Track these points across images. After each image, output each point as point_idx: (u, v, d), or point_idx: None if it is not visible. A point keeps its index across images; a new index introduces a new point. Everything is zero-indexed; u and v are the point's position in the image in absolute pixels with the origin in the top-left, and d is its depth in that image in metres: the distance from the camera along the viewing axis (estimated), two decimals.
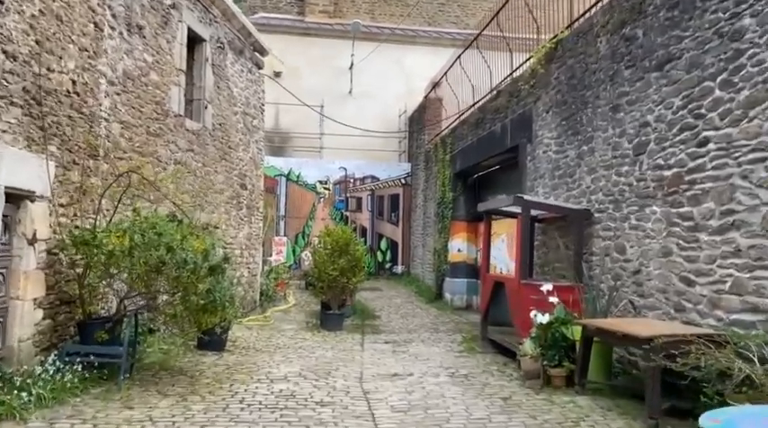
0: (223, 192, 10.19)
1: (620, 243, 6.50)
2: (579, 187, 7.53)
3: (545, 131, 8.65)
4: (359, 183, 19.98)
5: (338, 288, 10.48)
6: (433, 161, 16.59)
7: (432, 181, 16.63)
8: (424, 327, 11.16)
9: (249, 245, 11.47)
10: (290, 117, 20.15)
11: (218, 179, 10.01)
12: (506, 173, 11.88)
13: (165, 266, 5.47)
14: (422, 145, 18.41)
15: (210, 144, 9.68)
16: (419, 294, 16.31)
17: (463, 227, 14.06)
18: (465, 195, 14.06)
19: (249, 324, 10.59)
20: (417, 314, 13.03)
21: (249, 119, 11.39)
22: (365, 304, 14.02)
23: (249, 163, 11.42)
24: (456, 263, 14.04)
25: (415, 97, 19.94)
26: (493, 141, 11.01)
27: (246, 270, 11.40)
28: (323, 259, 10.41)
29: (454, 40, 20.63)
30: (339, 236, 10.55)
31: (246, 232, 11.30)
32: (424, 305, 14.49)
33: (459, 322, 11.94)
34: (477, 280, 13.96)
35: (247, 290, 11.51)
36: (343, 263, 10.38)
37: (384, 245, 20.09)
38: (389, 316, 12.77)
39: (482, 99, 11.84)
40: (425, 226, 17.42)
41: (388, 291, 17.15)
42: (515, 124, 9.84)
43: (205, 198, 9.47)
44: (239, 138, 10.88)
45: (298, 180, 19.54)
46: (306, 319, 11.76)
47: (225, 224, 10.30)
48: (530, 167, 9.18)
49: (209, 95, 9.61)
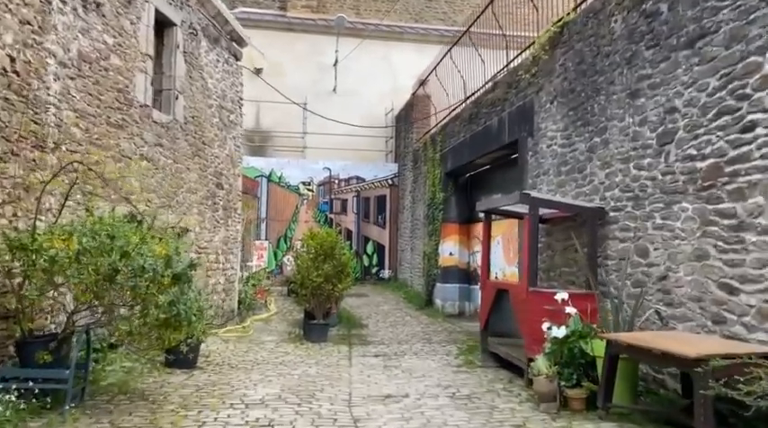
0: (196, 192, 9.32)
1: (642, 245, 5.76)
2: (591, 183, 6.79)
3: (549, 123, 7.91)
4: (344, 184, 19.17)
5: (323, 295, 9.66)
6: (421, 160, 15.83)
7: (420, 181, 15.87)
8: (415, 337, 10.36)
9: (226, 249, 10.60)
10: (271, 115, 19.28)
11: (191, 177, 9.14)
12: (502, 172, 11.15)
13: (118, 274, 4.61)
14: (410, 144, 17.65)
15: (182, 138, 8.81)
16: (408, 300, 15.52)
17: (455, 230, 13.31)
18: (456, 196, 13.31)
19: (226, 336, 9.71)
20: (407, 322, 12.24)
21: (226, 113, 10.53)
22: (351, 311, 13.21)
23: (226, 160, 10.55)
24: (447, 268, 13.28)
25: (401, 95, 19.20)
26: (488, 137, 10.27)
27: (223, 276, 10.52)
28: (306, 264, 9.58)
29: (442, 37, 19.95)
30: (324, 239, 9.73)
31: (223, 235, 10.43)
32: (413, 312, 13.70)
33: (452, 331, 11.16)
34: (469, 285, 13.23)
35: (224, 299, 10.63)
36: (328, 269, 9.56)
37: (370, 249, 19.28)
38: (378, 324, 11.96)
39: (477, 91, 11.11)
40: (414, 228, 16.65)
41: (375, 297, 16.35)
42: (514, 117, 9.11)
43: (175, 198, 8.59)
44: (214, 134, 10.01)
45: (279, 181, 18.67)
46: (288, 329, 10.91)
47: (199, 226, 9.43)
48: (531, 163, 8.44)
49: (181, 85, 8.75)
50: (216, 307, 10.17)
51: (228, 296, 10.80)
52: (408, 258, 17.31)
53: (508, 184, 10.83)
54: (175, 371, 6.84)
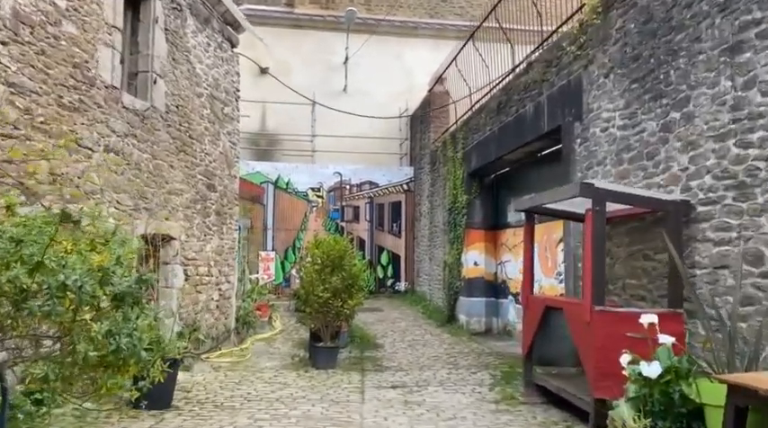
0: (182, 194, 7.96)
1: (754, 249, 4.27)
2: (668, 171, 5.32)
3: (604, 102, 6.45)
4: (356, 190, 17.78)
5: (330, 313, 8.22)
6: (440, 162, 14.40)
7: (439, 184, 14.43)
8: (439, 361, 8.88)
9: (220, 260, 9.22)
10: (277, 117, 18.00)
11: (175, 176, 7.78)
12: (539, 168, 9.68)
13: (27, 294, 3.22)
14: (426, 145, 16.24)
15: (163, 130, 7.47)
16: (427, 315, 14.04)
17: (480, 237, 11.83)
18: (481, 198, 11.85)
19: (218, 361, 8.30)
20: (428, 341, 10.76)
21: (219, 105, 9.20)
22: (364, 329, 11.78)
23: (219, 159, 9.20)
24: (472, 279, 11.79)
25: (416, 94, 17.84)
26: (522, 127, 8.83)
27: (217, 291, 9.13)
28: (311, 277, 8.16)
29: (459, 32, 18.56)
30: (331, 247, 8.31)
31: (216, 244, 9.05)
32: (434, 329, 12.22)
33: (480, 352, 9.66)
34: (497, 299, 11.74)
35: (218, 317, 9.23)
36: (336, 282, 8.14)
37: (385, 259, 17.84)
38: (394, 344, 10.50)
39: (508, 74, 9.66)
40: (432, 236, 15.19)
41: (391, 312, 14.88)
42: (555, 100, 7.66)
43: (154, 199, 7.23)
44: (205, 127, 8.67)
45: (287, 187, 17.32)
46: (292, 351, 9.48)
47: (185, 234, 8.06)
48: (580, 153, 6.98)
49: (161, 68, 7.42)
50: (208, 327, 8.78)
51: (224, 314, 9.41)
52: (427, 269, 15.84)
53: (546, 182, 9.34)
54: (142, 414, 5.42)
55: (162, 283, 7.68)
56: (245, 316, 10.20)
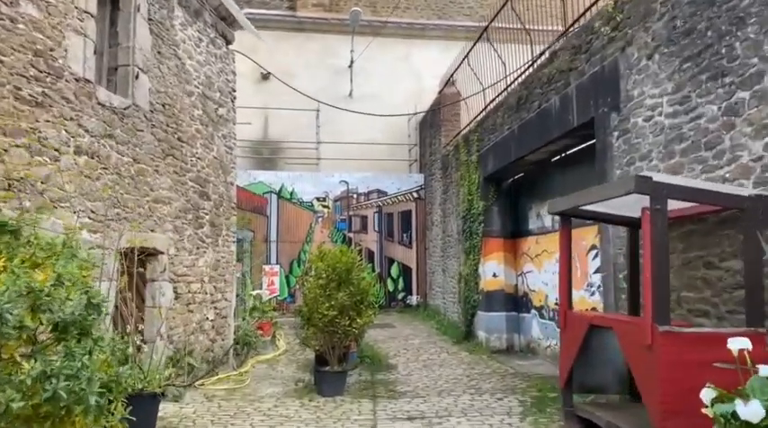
0: (170, 202, 7.16)
1: None
2: (735, 161, 4.45)
3: (647, 87, 5.60)
4: (363, 199, 16.96)
5: (337, 333, 7.36)
6: (452, 167, 13.56)
7: (452, 191, 13.58)
8: (459, 384, 7.99)
9: (216, 276, 8.39)
10: (280, 124, 17.26)
11: (162, 183, 6.98)
12: (563, 170, 8.83)
13: None
14: (437, 150, 15.41)
15: (147, 131, 6.68)
16: (442, 332, 13.13)
17: (498, 246, 10.95)
18: (499, 205, 10.98)
19: (213, 389, 7.45)
20: (445, 361, 9.86)
21: (212, 105, 8.42)
22: (375, 348, 10.88)
23: (213, 164, 8.41)
24: (491, 292, 10.89)
25: (425, 98, 17.07)
26: (546, 123, 7.98)
27: (212, 310, 8.30)
28: (314, 294, 7.31)
29: (468, 32, 17.79)
30: (337, 260, 7.47)
31: (211, 258, 8.23)
32: (450, 347, 11.32)
33: (504, 373, 8.75)
34: (519, 313, 10.84)
35: (214, 339, 8.39)
36: (343, 299, 7.28)
37: (395, 272, 16.96)
38: (408, 365, 9.61)
39: (531, 64, 8.83)
40: (446, 246, 14.31)
41: (403, 328, 13.99)
42: (586, 90, 6.82)
43: (136, 208, 6.43)
44: (196, 129, 7.88)
45: (291, 197, 16.53)
46: (296, 375, 8.62)
47: (175, 247, 7.24)
48: (618, 147, 6.12)
49: (144, 62, 6.65)
50: (203, 350, 7.94)
51: (221, 334, 8.57)
52: (440, 281, 14.95)
53: (573, 185, 8.47)
54: None
55: (148, 303, 6.86)
56: (244, 336, 9.35)
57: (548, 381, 7.95)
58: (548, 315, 9.68)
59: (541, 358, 9.82)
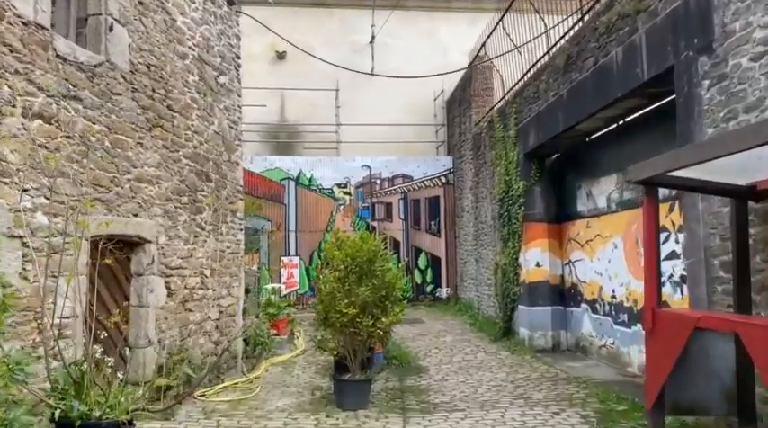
0: (159, 182, 6.04)
1: None
2: None
3: (755, 16, 4.27)
4: (387, 185, 15.75)
5: (359, 335, 6.17)
6: (485, 146, 12.27)
7: (486, 173, 12.30)
8: (503, 392, 6.77)
9: (219, 268, 7.28)
10: (298, 107, 16.13)
11: (148, 159, 5.86)
12: (623, 140, 7.51)
13: None
14: (467, 129, 14.12)
15: (126, 95, 5.55)
16: (477, 328, 11.90)
17: (542, 231, 9.64)
18: (542, 185, 9.66)
19: (214, 401, 6.35)
20: (483, 363, 8.64)
21: (212, 72, 7.28)
22: (402, 347, 9.73)
23: (213, 140, 7.28)
24: (534, 284, 9.61)
25: (453, 75, 15.74)
26: (605, 82, 6.66)
27: (216, 308, 7.19)
28: (330, 289, 6.13)
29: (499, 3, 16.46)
30: (357, 248, 6.28)
31: (212, 248, 7.11)
32: (487, 345, 10.09)
33: (555, 378, 7.50)
34: (565, 307, 9.55)
35: (219, 341, 7.29)
36: (365, 294, 6.09)
37: (423, 263, 15.75)
38: (441, 367, 8.43)
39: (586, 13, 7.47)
40: (479, 234, 13.04)
41: (433, 324, 12.79)
42: (661, 34, 5.49)
43: (115, 188, 5.32)
44: (190, 98, 6.75)
45: (310, 184, 15.40)
46: (314, 381, 7.51)
47: (165, 235, 6.13)
48: (711, 100, 4.79)
49: (121, 12, 5.51)
50: (204, 355, 6.85)
51: (226, 335, 7.47)
52: (472, 272, 13.69)
53: (637, 155, 7.14)
54: None
55: (134, 301, 5.76)
56: (255, 336, 8.24)
57: (609, 389, 6.68)
58: (602, 309, 8.37)
59: (595, 358, 8.54)
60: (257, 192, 14.81)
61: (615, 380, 7.25)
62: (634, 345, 7.46)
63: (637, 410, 5.76)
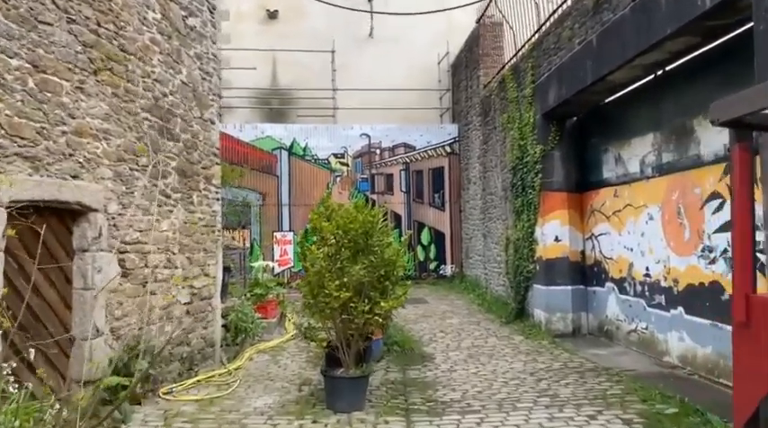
0: (107, 138, 4.95)
1: None
2: None
3: None
4: (388, 155, 14.63)
5: (353, 322, 5.14)
6: (495, 109, 11.12)
7: (496, 139, 11.18)
8: (524, 387, 5.77)
9: (190, 244, 6.22)
10: (291, 71, 14.93)
11: (92, 107, 4.76)
12: (663, 92, 6.38)
13: None
14: (474, 92, 12.95)
15: (60, 27, 4.43)
16: (485, 308, 10.90)
17: (561, 201, 8.56)
18: (562, 149, 8.55)
19: (182, 400, 5.34)
20: (496, 349, 7.64)
21: (178, 11, 6.13)
22: (405, 330, 8.79)
23: (181, 92, 6.16)
24: (552, 261, 8.56)
25: (458, 37, 14.54)
26: (648, 18, 5.51)
27: (187, 291, 6.14)
28: (319, 267, 5.07)
29: None
30: (351, 219, 5.21)
31: (181, 221, 6.04)
32: (499, 328, 9.09)
33: (581, 368, 6.49)
34: (586, 287, 8.52)
35: (192, 328, 6.26)
36: (360, 274, 5.04)
37: (426, 238, 14.70)
38: (448, 355, 7.45)
39: None
40: (487, 207, 11.97)
41: (437, 304, 11.80)
42: None
43: (43, 142, 4.22)
44: (150, 39, 5.62)
45: (305, 154, 14.28)
46: (303, 372, 6.55)
47: (119, 203, 5.06)
48: None
49: None
50: (172, 345, 5.82)
51: (201, 321, 6.43)
52: (480, 248, 12.65)
53: (683, 110, 6.05)
54: None
55: (77, 284, 4.71)
56: (237, 320, 7.22)
57: (649, 384, 5.66)
58: (632, 289, 7.34)
59: (622, 345, 7.53)
60: (247, 163, 13.71)
61: (653, 373, 6.23)
62: (673, 332, 6.43)
63: (689, 414, 4.75)
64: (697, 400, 5.05)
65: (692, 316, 6.10)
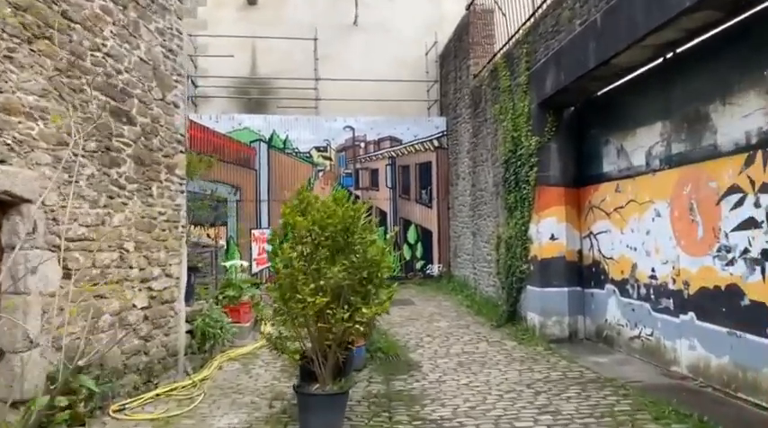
0: (44, 117, 4.25)
1: None
2: None
3: None
4: (373, 149, 13.99)
5: (330, 332, 4.50)
6: (486, 100, 10.53)
7: (487, 131, 10.59)
8: (521, 401, 5.17)
9: (148, 241, 5.54)
10: (271, 59, 14.22)
11: (25, 82, 4.07)
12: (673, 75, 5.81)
13: None
14: (464, 84, 12.35)
15: None
16: (475, 310, 10.30)
17: (558, 197, 7.98)
18: (559, 141, 7.97)
19: (137, 418, 4.68)
20: (488, 356, 7.05)
21: None
22: (389, 334, 8.23)
23: (140, 70, 5.47)
24: (548, 261, 7.98)
25: (447, 26, 13.93)
26: None
27: (145, 293, 5.46)
28: (290, 269, 4.42)
29: None
30: (329, 213, 4.57)
31: (136, 215, 5.36)
32: (489, 333, 8.51)
33: (582, 379, 5.91)
34: (584, 288, 7.96)
35: (151, 336, 5.58)
36: (340, 276, 4.40)
37: (412, 236, 14.09)
38: (437, 362, 6.86)
39: None
40: (477, 203, 11.39)
41: (424, 305, 11.19)
42: None
43: None
44: (101, 8, 4.93)
45: (285, 147, 13.59)
46: (276, 384, 5.91)
47: (58, 193, 4.37)
48: None
49: None
50: (127, 355, 5.15)
51: (161, 328, 5.75)
52: (469, 247, 12.07)
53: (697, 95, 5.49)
54: None
55: (6, 285, 4.02)
56: (204, 326, 6.54)
57: (659, 398, 5.10)
58: (636, 292, 6.78)
59: (623, 351, 6.98)
60: (224, 156, 12.99)
61: (662, 385, 5.67)
62: (683, 339, 5.88)
63: None
64: (717, 418, 4.49)
65: (706, 322, 5.55)
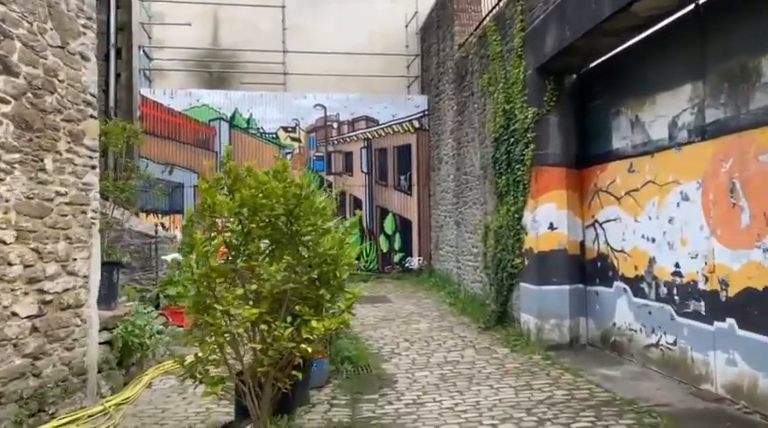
0: None
1: None
2: None
3: None
4: (347, 130, 12.71)
5: (267, 354, 3.25)
6: (473, 71, 9.32)
7: (473, 107, 9.38)
8: None
9: (41, 229, 4.23)
10: (234, 30, 12.83)
11: None
12: (707, 25, 4.63)
13: None
14: (447, 57, 11.12)
15: None
16: (458, 309, 9.14)
17: (559, 179, 6.79)
18: (560, 112, 6.77)
19: None
20: (476, 368, 5.91)
21: None
22: (360, 339, 7.07)
23: (25, 4, 4.13)
24: (545, 254, 6.79)
25: None
26: None
27: (32, 297, 4.16)
28: (206, 270, 3.17)
29: None
30: (266, 190, 3.31)
31: (19, 195, 4.04)
32: (477, 337, 7.37)
33: (593, 400, 4.75)
34: (587, 286, 6.81)
35: (45, 352, 4.28)
36: (280, 278, 3.15)
37: (390, 226, 12.88)
38: (415, 375, 5.73)
39: None
40: (461, 190, 10.19)
41: (402, 303, 10.02)
42: None
43: None
44: None
45: (248, 126, 12.25)
46: (213, 409, 4.64)
47: None
48: None
49: None
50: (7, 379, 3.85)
51: (60, 341, 4.46)
52: (452, 238, 10.88)
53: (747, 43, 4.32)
54: None
55: None
56: (126, 335, 5.25)
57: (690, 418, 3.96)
58: (653, 292, 5.64)
59: (637, 362, 5.84)
60: (180, 136, 11.63)
61: (696, 411, 4.52)
62: (719, 351, 4.74)
63: None
64: None
65: (751, 331, 4.41)
